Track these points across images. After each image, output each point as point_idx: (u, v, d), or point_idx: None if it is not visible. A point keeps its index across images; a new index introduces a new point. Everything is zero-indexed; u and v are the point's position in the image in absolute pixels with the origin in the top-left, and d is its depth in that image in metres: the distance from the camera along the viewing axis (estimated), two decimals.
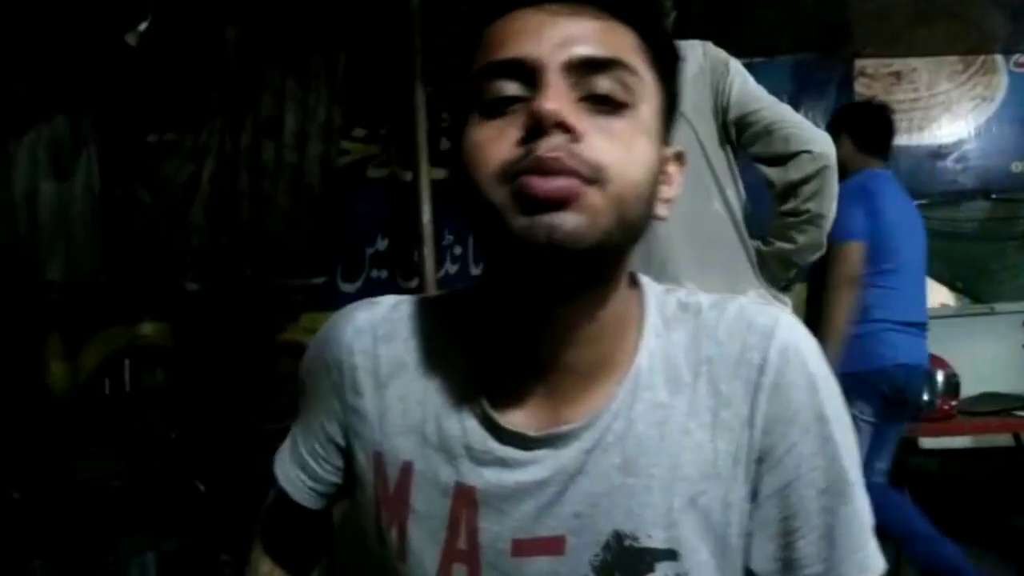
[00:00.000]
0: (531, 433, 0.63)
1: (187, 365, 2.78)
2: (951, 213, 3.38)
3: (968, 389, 2.46)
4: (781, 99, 1.55)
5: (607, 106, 0.57)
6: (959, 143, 3.39)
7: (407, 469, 0.68)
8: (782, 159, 1.48)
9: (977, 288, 3.47)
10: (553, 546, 0.63)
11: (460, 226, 2.88)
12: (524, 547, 0.64)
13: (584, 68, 0.57)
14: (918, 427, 2.37)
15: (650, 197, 0.59)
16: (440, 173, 2.88)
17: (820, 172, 1.46)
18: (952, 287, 3.75)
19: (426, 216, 2.55)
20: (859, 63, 3.38)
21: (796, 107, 1.71)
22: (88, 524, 2.29)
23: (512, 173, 0.55)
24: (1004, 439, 2.67)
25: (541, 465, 0.63)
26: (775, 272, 1.58)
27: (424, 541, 0.67)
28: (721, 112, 1.52)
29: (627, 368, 0.64)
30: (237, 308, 2.71)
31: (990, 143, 3.38)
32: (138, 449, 2.47)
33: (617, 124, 0.57)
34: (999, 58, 3.43)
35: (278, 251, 2.63)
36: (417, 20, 2.56)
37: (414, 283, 2.76)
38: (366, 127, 2.93)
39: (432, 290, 2.51)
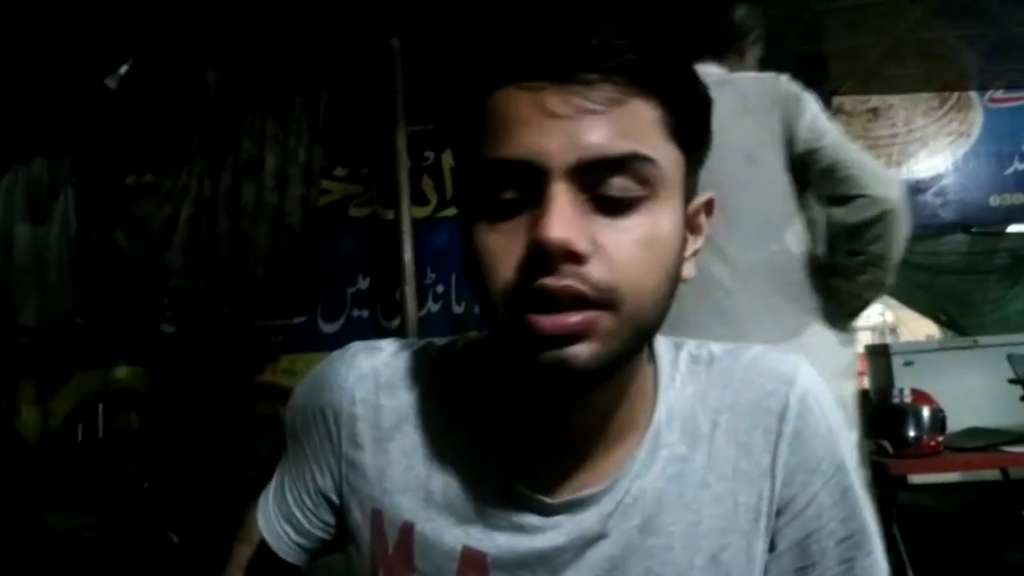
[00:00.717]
0: (549, 499, 0.60)
1: (162, 409, 2.74)
2: (932, 246, 3.42)
3: (954, 423, 2.46)
4: None
5: (620, 205, 0.51)
6: (937, 178, 3.45)
7: (408, 530, 0.64)
8: (842, 200, 1.45)
9: (961, 321, 3.50)
10: None
11: (442, 265, 2.88)
12: None
13: (595, 168, 0.50)
14: (906, 463, 2.36)
15: (674, 283, 0.55)
16: (422, 212, 2.89)
17: (881, 216, 1.42)
18: (936, 319, 3.78)
19: (407, 255, 2.55)
20: (837, 100, 3.45)
21: None
22: None
23: (517, 304, 0.51)
24: (991, 473, 2.66)
25: (559, 531, 0.60)
26: (846, 302, 1.53)
27: None
28: (788, 145, 1.48)
29: (645, 428, 0.62)
30: (215, 350, 2.68)
31: (968, 177, 3.45)
32: (111, 498, 2.41)
33: (631, 222, 0.51)
34: (974, 94, 3.51)
35: (257, 292, 2.61)
36: (398, 61, 2.59)
37: (396, 322, 2.74)
38: (347, 166, 2.94)
39: (413, 329, 2.49)
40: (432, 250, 2.86)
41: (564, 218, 0.49)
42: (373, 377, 0.66)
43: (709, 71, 1.54)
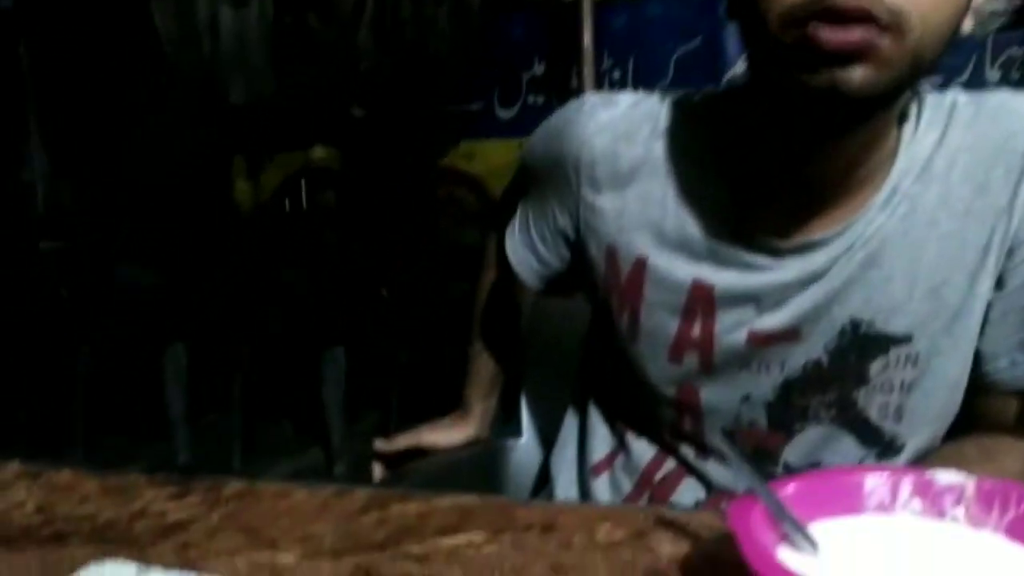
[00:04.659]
0: (782, 242, 0.65)
1: (355, 187, 3.09)
2: None
3: None
4: None
5: None
6: None
7: (640, 264, 0.72)
8: None
9: None
10: (789, 336, 0.68)
11: (620, 50, 2.85)
12: (759, 338, 0.68)
13: None
14: None
15: (956, 27, 0.55)
16: None
17: None
18: None
19: (587, 39, 2.55)
20: None
21: None
22: (287, 325, 2.74)
23: (799, 19, 0.52)
24: None
25: (786, 270, 0.66)
26: None
27: (656, 327, 0.72)
28: None
29: (884, 178, 0.64)
30: (400, 134, 2.92)
31: None
32: (322, 260, 2.86)
33: None
34: None
35: (438, 75, 2.76)
36: None
37: None
38: None
39: None
40: (611, 34, 2.82)
41: None
42: (611, 127, 0.73)
43: None
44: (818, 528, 0.42)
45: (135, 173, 3.16)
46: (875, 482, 0.45)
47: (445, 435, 1.02)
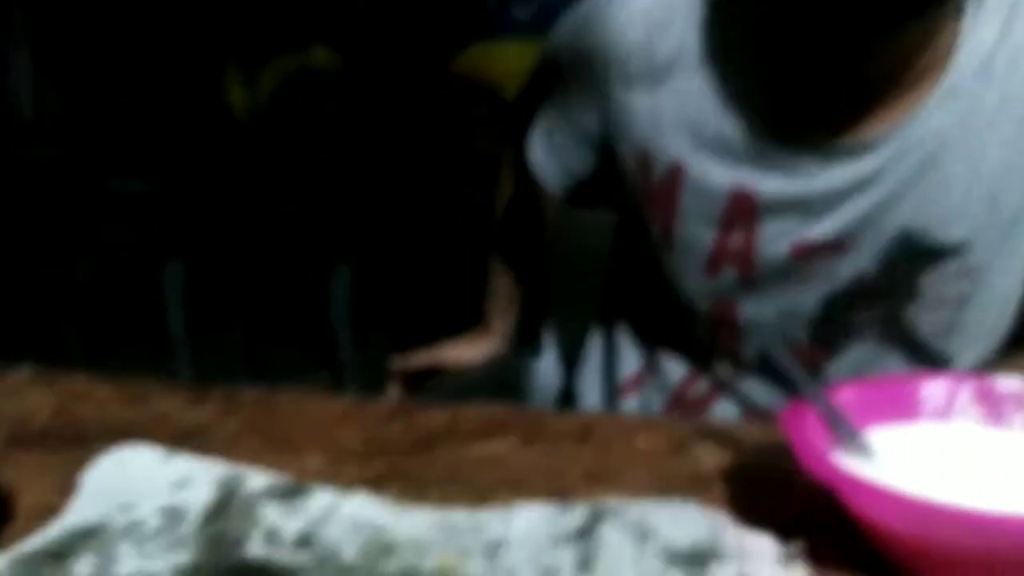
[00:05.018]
0: (830, 143, 0.64)
1: (358, 91, 3.02)
2: None
3: None
4: None
5: None
6: None
7: (676, 170, 0.69)
8: None
9: None
10: (836, 246, 0.66)
11: None
12: (804, 249, 0.67)
13: None
14: None
15: None
16: None
17: None
18: None
19: None
20: None
21: None
22: (289, 241, 2.75)
23: None
24: None
25: (835, 174, 0.65)
26: None
27: (691, 238, 0.71)
28: None
29: (939, 74, 0.62)
30: (406, 34, 2.84)
31: None
32: (323, 171, 2.83)
33: None
34: None
35: None
36: None
37: None
38: None
39: None
40: None
41: None
42: (644, 17, 0.70)
43: None
44: (873, 434, 0.43)
45: (125, 74, 3.10)
46: (932, 388, 0.45)
47: (465, 352, 1.02)
